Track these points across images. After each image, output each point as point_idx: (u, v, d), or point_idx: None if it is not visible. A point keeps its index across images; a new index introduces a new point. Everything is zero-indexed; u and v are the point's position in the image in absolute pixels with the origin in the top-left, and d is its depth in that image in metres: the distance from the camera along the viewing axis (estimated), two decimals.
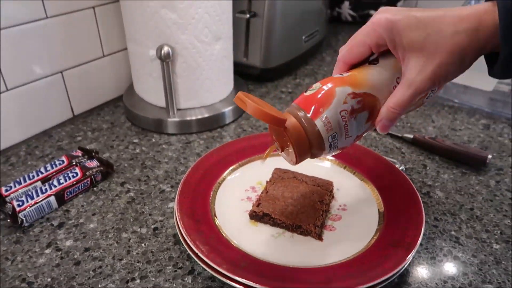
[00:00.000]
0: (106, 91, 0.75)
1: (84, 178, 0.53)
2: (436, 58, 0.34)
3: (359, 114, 0.37)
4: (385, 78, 0.38)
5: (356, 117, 0.37)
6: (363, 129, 0.39)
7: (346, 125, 0.37)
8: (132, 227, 0.48)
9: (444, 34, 0.33)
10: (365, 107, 0.37)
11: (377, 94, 0.38)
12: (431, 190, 0.55)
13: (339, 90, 0.36)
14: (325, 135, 0.36)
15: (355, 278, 0.39)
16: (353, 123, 0.37)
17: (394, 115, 0.36)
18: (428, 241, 0.47)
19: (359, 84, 0.37)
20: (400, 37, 0.35)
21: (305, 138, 0.36)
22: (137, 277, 0.42)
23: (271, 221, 0.46)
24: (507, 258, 0.45)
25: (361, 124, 0.38)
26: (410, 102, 0.36)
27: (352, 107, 0.36)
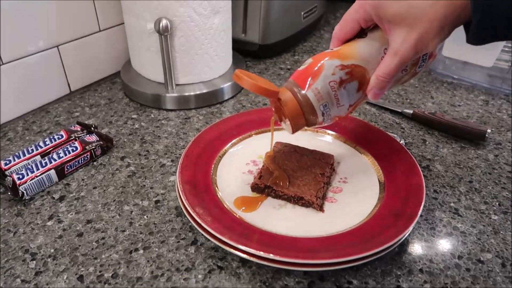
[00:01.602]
0: (103, 67, 0.74)
1: (84, 152, 0.53)
2: (417, 28, 0.36)
3: (348, 84, 0.40)
4: (373, 49, 0.41)
5: (345, 87, 0.40)
6: (354, 98, 0.41)
7: (336, 95, 0.40)
8: (133, 200, 0.48)
9: (424, 5, 0.36)
10: (354, 77, 0.40)
11: (365, 65, 0.40)
12: (430, 164, 0.55)
13: (327, 63, 0.40)
14: (317, 104, 0.40)
15: (357, 246, 0.39)
16: (343, 93, 0.40)
17: (383, 83, 0.39)
18: (428, 212, 0.47)
19: (347, 56, 0.40)
20: (384, 10, 0.37)
21: (298, 108, 0.40)
22: (140, 247, 0.43)
23: (273, 193, 0.47)
24: (505, 228, 0.45)
25: (352, 93, 0.41)
26: (397, 70, 0.38)
27: (340, 78, 0.39)
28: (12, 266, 0.40)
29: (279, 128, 0.58)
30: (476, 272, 0.41)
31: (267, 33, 0.79)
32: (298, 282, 0.39)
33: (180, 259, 0.41)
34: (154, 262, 0.41)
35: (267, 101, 0.69)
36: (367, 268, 0.41)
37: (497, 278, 0.40)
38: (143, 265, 0.41)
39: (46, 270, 0.40)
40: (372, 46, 0.40)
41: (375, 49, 0.40)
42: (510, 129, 0.62)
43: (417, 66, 0.42)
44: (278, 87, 0.41)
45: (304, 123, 0.42)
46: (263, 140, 0.55)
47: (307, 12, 0.86)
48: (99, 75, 0.74)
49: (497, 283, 0.40)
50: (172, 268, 0.40)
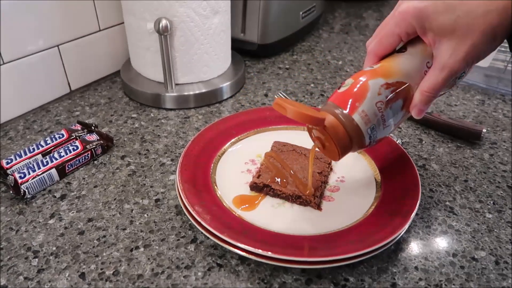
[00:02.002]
0: (103, 66, 0.74)
1: (85, 151, 0.53)
2: (469, 39, 0.34)
3: (394, 103, 0.38)
4: (415, 64, 0.39)
5: (391, 107, 0.38)
6: (399, 116, 0.39)
7: (383, 116, 0.38)
8: (134, 199, 0.49)
9: (475, 15, 0.34)
10: (399, 96, 0.38)
11: (409, 81, 0.38)
12: (426, 163, 0.56)
13: (372, 83, 0.37)
14: (364, 128, 0.37)
15: (354, 244, 0.40)
16: (389, 113, 0.38)
17: (429, 99, 0.37)
18: (423, 211, 0.48)
19: (391, 74, 0.38)
20: (429, 22, 0.35)
21: (345, 133, 0.37)
22: (140, 245, 0.43)
23: (271, 192, 0.47)
24: (499, 227, 0.46)
25: (397, 112, 0.39)
26: (444, 84, 0.36)
27: (387, 97, 0.37)
28: (14, 263, 0.41)
29: (277, 127, 0.58)
30: (470, 269, 0.41)
31: (266, 33, 0.79)
32: (296, 279, 0.40)
33: (180, 257, 0.42)
34: (154, 260, 0.42)
35: (265, 100, 0.69)
36: (363, 265, 0.42)
37: (491, 275, 0.41)
38: (144, 262, 0.41)
39: (48, 268, 0.41)
40: (414, 61, 0.39)
41: (417, 63, 0.38)
42: (505, 128, 0.63)
43: (458, 78, 0.41)
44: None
45: (350, 149, 0.39)
46: (262, 139, 0.56)
47: (306, 11, 0.87)
48: (99, 74, 0.74)
49: (490, 280, 0.40)
50: (172, 265, 0.41)
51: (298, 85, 0.74)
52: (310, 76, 0.78)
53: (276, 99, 0.38)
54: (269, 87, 0.73)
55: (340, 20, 1.04)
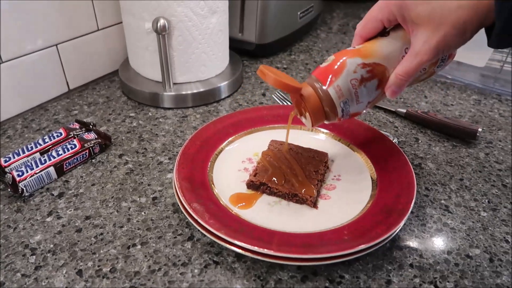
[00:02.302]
0: (101, 66, 0.75)
1: (83, 150, 0.54)
2: (441, 30, 0.37)
3: (368, 82, 0.41)
4: (394, 48, 0.41)
5: (366, 85, 0.41)
6: (373, 95, 0.42)
7: (356, 92, 0.41)
8: (131, 197, 0.49)
9: (448, 8, 0.36)
10: (375, 76, 0.41)
11: (386, 64, 0.41)
12: (422, 162, 0.56)
13: (350, 61, 0.41)
14: (337, 101, 0.41)
15: (349, 242, 0.40)
16: (364, 90, 0.41)
17: (402, 82, 0.40)
18: (419, 209, 0.49)
19: (369, 55, 0.41)
20: (408, 11, 0.38)
21: (318, 103, 0.41)
22: (138, 243, 0.44)
23: (268, 190, 0.48)
24: (494, 225, 0.47)
25: (371, 91, 0.41)
26: (416, 69, 0.39)
27: (361, 76, 0.40)
28: (12, 260, 0.41)
29: (274, 126, 0.59)
30: (465, 267, 0.42)
31: (263, 33, 0.80)
32: (292, 276, 0.41)
33: (177, 254, 0.42)
34: (151, 257, 0.42)
35: (263, 100, 0.70)
36: (359, 263, 0.42)
37: (485, 272, 0.41)
38: (141, 260, 0.42)
39: (45, 265, 0.41)
40: (394, 45, 0.41)
41: (396, 48, 0.41)
42: (501, 128, 0.64)
43: (436, 66, 0.43)
44: (300, 82, 0.43)
45: (323, 118, 0.43)
46: (259, 138, 0.56)
47: (304, 12, 0.87)
48: (98, 73, 0.74)
49: (484, 277, 0.41)
50: (169, 263, 0.41)
51: None
52: (308, 75, 0.78)
53: (260, 66, 0.42)
54: (267, 87, 0.74)
55: (338, 20, 1.04)
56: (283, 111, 0.61)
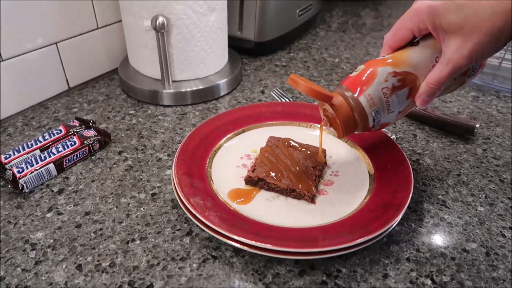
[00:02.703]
0: (101, 64, 0.75)
1: (82, 147, 0.54)
2: (474, 38, 0.36)
3: (399, 91, 0.41)
4: (425, 57, 0.41)
5: (397, 94, 0.41)
6: (404, 105, 0.42)
7: (388, 101, 0.41)
8: (130, 193, 0.50)
9: (482, 15, 0.36)
10: (405, 85, 0.41)
11: (416, 72, 0.41)
12: (420, 158, 0.56)
13: (380, 70, 0.41)
14: (369, 110, 0.41)
15: (346, 236, 0.41)
16: (395, 99, 0.41)
17: (433, 90, 0.40)
18: (416, 204, 0.49)
19: (400, 64, 0.41)
20: (440, 19, 0.38)
21: (350, 112, 0.41)
22: (137, 238, 0.44)
23: (266, 186, 0.48)
24: (491, 219, 0.47)
25: (402, 100, 0.41)
26: (448, 78, 0.39)
27: (393, 85, 0.40)
28: (12, 255, 0.42)
29: (272, 123, 0.59)
30: (461, 260, 0.42)
31: (262, 31, 0.80)
32: (289, 270, 0.41)
33: (175, 249, 0.43)
34: (150, 252, 0.42)
35: (262, 97, 0.70)
36: (356, 257, 0.42)
37: (481, 266, 0.41)
38: (140, 254, 0.42)
39: (45, 260, 0.41)
40: (424, 54, 0.41)
41: (427, 57, 0.41)
42: (499, 124, 0.64)
43: (467, 76, 0.43)
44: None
45: (354, 128, 0.42)
46: (257, 135, 0.57)
47: (303, 10, 0.88)
48: (97, 71, 0.75)
49: (480, 271, 0.41)
50: (168, 257, 0.42)
51: None
52: (307, 73, 0.78)
53: (291, 75, 0.41)
54: (266, 84, 0.74)
55: (337, 19, 1.05)
56: (282, 108, 0.61)
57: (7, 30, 0.59)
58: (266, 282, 0.40)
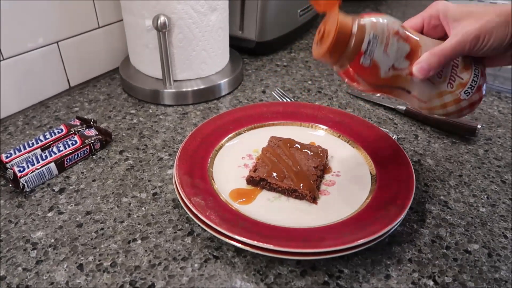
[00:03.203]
0: (102, 63, 0.75)
1: (83, 146, 0.54)
2: (483, 19, 0.37)
3: (402, 41, 0.39)
4: (430, 40, 0.41)
5: (398, 41, 0.39)
6: (399, 61, 0.40)
7: (388, 38, 0.38)
8: (132, 192, 0.50)
9: (491, 9, 0.38)
10: (408, 42, 0.40)
11: (422, 44, 0.40)
12: (421, 158, 0.56)
13: (391, 19, 0.40)
14: (368, 30, 0.38)
15: (348, 236, 0.40)
16: (395, 44, 0.39)
17: (434, 60, 0.38)
18: (418, 205, 0.49)
19: (411, 31, 0.41)
20: (453, 10, 0.39)
21: (349, 24, 0.38)
22: (138, 238, 0.44)
23: (268, 186, 0.48)
24: (492, 220, 0.47)
25: (401, 54, 0.39)
26: (452, 52, 0.38)
27: (398, 31, 0.39)
28: (13, 255, 0.42)
29: (274, 123, 0.59)
30: (463, 261, 0.42)
31: (263, 31, 0.80)
32: (291, 271, 0.41)
33: (177, 249, 0.43)
34: (151, 252, 0.42)
35: (263, 97, 0.70)
36: (357, 257, 0.42)
37: (483, 267, 0.41)
38: (141, 254, 0.42)
39: (46, 259, 0.41)
40: (429, 39, 0.41)
41: (432, 41, 0.41)
42: (500, 125, 0.64)
43: (463, 90, 0.41)
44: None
45: (346, 44, 0.38)
46: (258, 134, 0.57)
47: (304, 10, 0.88)
48: (98, 71, 0.75)
49: (483, 272, 0.41)
50: (169, 257, 0.42)
51: (296, 82, 0.75)
52: (308, 73, 0.78)
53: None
54: (267, 84, 0.74)
55: None
56: (283, 108, 0.61)
57: (8, 29, 0.59)
58: (268, 283, 0.40)
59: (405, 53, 0.40)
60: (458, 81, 0.41)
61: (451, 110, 0.42)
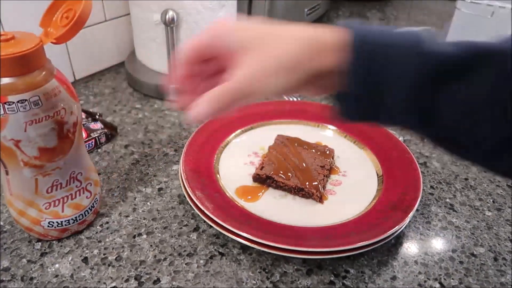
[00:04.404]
0: (108, 57, 0.74)
1: (89, 139, 0.54)
2: (267, 53, 0.30)
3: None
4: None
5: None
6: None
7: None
8: (137, 187, 0.49)
9: (283, 35, 0.30)
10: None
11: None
12: (427, 161, 0.56)
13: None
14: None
15: (354, 236, 0.40)
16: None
17: (205, 106, 0.30)
18: (424, 207, 0.49)
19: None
20: (232, 36, 0.31)
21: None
22: (143, 232, 0.44)
23: (274, 184, 0.48)
24: (498, 224, 0.47)
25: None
26: (230, 99, 0.30)
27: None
28: (18, 246, 0.41)
29: (282, 121, 0.59)
30: (469, 265, 0.42)
31: None
32: (297, 269, 0.41)
33: (182, 245, 0.42)
34: (157, 247, 0.42)
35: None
36: (363, 258, 0.42)
37: (489, 271, 0.41)
38: (146, 249, 0.42)
39: (51, 252, 0.41)
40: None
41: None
42: None
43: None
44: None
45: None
46: (265, 132, 0.56)
47: (310, 9, 0.87)
48: (104, 64, 0.74)
49: (489, 276, 0.41)
50: (175, 253, 0.42)
51: None
52: None
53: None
54: None
55: (343, 19, 1.04)
56: (290, 107, 0.61)
57: (13, 20, 0.58)
58: (274, 281, 0.39)
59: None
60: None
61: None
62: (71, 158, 0.39)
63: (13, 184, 0.38)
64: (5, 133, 0.34)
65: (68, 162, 0.38)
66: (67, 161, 0.38)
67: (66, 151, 0.38)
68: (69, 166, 0.39)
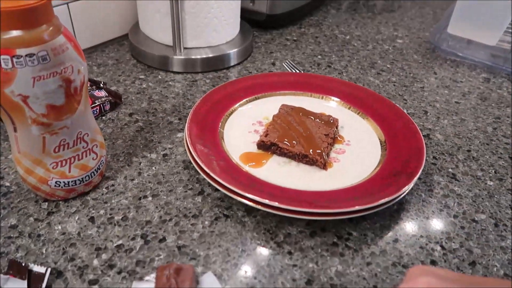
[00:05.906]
0: (111, 28, 0.74)
1: (93, 106, 0.54)
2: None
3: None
4: None
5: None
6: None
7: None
8: (142, 153, 0.50)
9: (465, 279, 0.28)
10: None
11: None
12: (431, 133, 0.57)
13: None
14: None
15: (358, 200, 0.41)
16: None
17: None
18: (426, 176, 0.49)
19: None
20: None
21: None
22: (149, 195, 0.44)
23: (278, 151, 0.48)
24: (500, 193, 0.47)
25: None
26: None
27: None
28: (25, 206, 0.42)
29: (286, 92, 0.59)
30: (470, 230, 0.43)
31: (275, 3, 0.79)
32: (301, 231, 0.41)
33: (187, 207, 0.43)
34: (162, 208, 0.43)
35: (273, 69, 0.70)
36: (366, 222, 0.43)
37: (490, 236, 0.42)
38: (152, 210, 0.42)
39: (58, 211, 0.41)
40: None
41: None
42: (509, 105, 0.64)
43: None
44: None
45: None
46: (269, 103, 0.57)
47: None
48: (107, 36, 0.74)
49: (489, 240, 0.41)
50: (180, 214, 0.42)
51: (306, 56, 0.75)
52: (318, 48, 0.78)
53: None
54: (276, 57, 0.74)
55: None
56: (294, 78, 0.61)
57: None
58: (278, 241, 0.40)
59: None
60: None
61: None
62: (78, 118, 0.39)
63: (21, 142, 0.38)
64: (13, 87, 0.34)
65: (75, 122, 0.39)
66: (74, 120, 0.38)
67: (73, 110, 0.38)
68: (76, 126, 0.39)
